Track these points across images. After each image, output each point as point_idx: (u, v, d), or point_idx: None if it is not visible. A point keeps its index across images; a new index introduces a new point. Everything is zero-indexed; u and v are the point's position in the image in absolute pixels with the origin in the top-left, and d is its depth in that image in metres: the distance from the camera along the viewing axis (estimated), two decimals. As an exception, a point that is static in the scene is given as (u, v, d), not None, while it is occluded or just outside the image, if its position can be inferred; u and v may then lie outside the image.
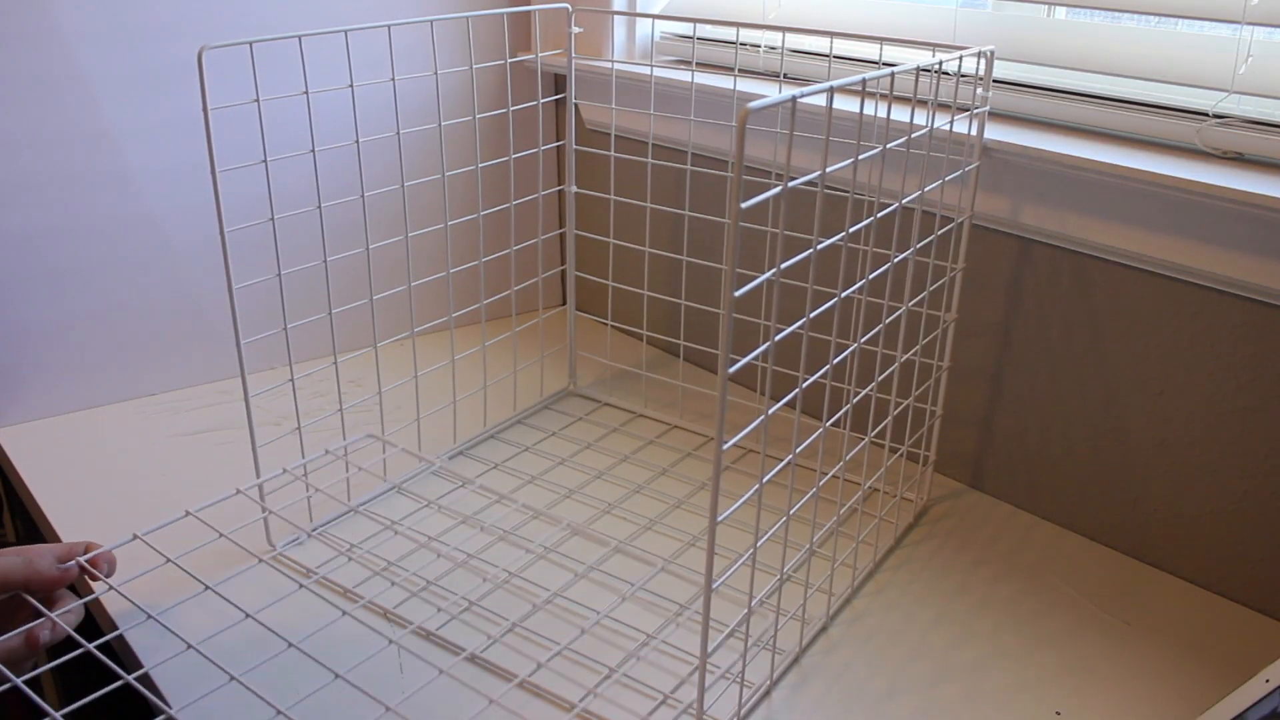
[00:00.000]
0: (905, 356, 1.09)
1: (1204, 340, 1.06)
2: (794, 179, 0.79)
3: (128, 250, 1.36)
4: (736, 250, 0.71)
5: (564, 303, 1.64)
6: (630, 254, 1.46)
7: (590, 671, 0.96)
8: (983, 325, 1.22)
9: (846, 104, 1.23)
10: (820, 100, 1.21)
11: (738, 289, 0.73)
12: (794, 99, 0.73)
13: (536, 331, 1.51)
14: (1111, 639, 1.04)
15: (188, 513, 1.05)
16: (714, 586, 0.81)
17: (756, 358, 0.81)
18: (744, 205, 0.71)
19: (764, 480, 0.84)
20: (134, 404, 1.41)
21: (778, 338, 0.80)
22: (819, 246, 0.82)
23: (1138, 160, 1.04)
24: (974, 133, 1.10)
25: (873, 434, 1.05)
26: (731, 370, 0.75)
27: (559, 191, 1.54)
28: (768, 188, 1.30)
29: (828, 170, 0.80)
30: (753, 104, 0.69)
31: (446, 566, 1.10)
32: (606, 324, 1.45)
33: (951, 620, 1.06)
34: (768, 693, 0.95)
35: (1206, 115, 1.07)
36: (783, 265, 0.78)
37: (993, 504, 1.26)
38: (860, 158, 0.85)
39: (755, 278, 0.78)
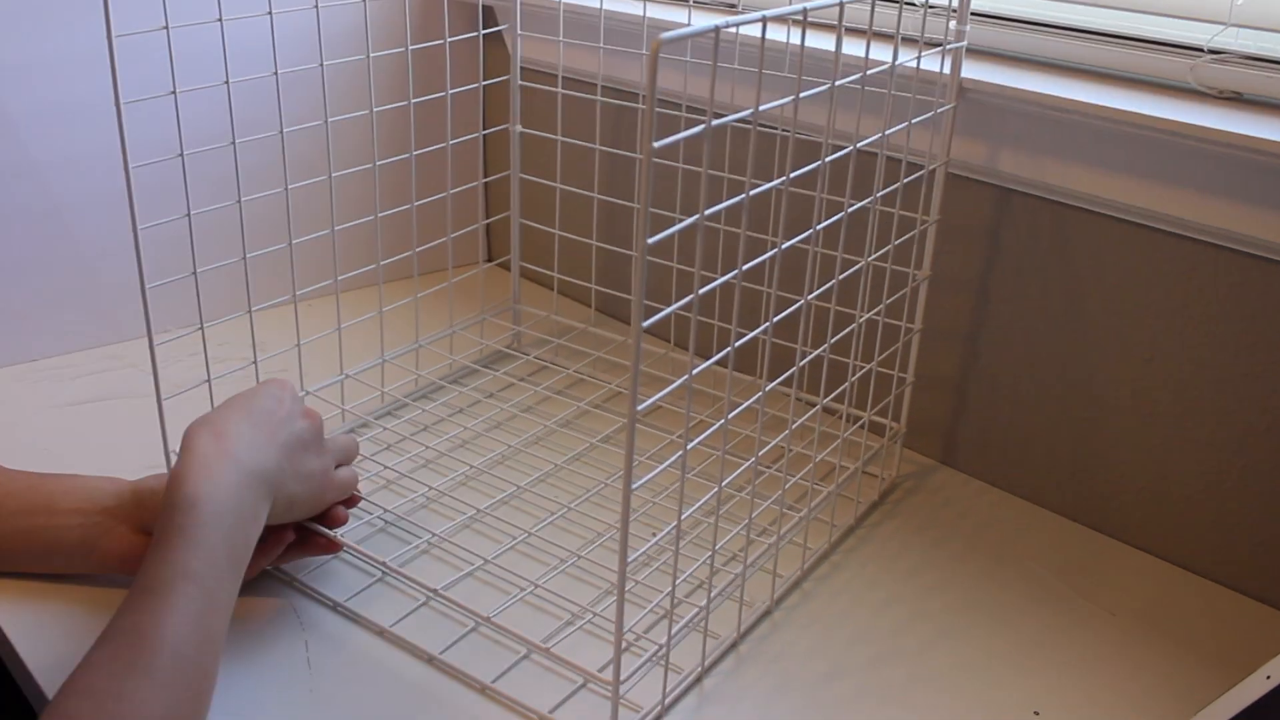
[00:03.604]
0: (867, 316, 1.11)
1: (1197, 300, 1.08)
2: (721, 116, 0.80)
3: (4, 198, 1.36)
4: (649, 193, 0.73)
5: (494, 257, 1.65)
6: (568, 202, 1.47)
7: (508, 650, 0.99)
8: (956, 284, 1.24)
9: (817, 40, 1.25)
10: (754, 30, 1.22)
11: (654, 235, 0.75)
12: (716, 29, 0.75)
13: (473, 285, 1.52)
14: (1086, 623, 1.07)
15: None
16: (630, 559, 0.83)
17: (676, 311, 0.82)
18: (657, 144, 0.72)
19: (689, 446, 0.86)
20: (12, 370, 1.41)
21: (703, 290, 0.82)
22: (752, 192, 0.84)
23: (1126, 101, 1.06)
24: (948, 71, 1.11)
25: (826, 399, 1.06)
26: (647, 323, 0.77)
27: (497, 133, 1.55)
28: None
29: (762, 108, 0.82)
30: (666, 34, 0.71)
31: (367, 531, 1.13)
32: (553, 275, 1.47)
33: (903, 601, 1.09)
34: (699, 679, 0.98)
35: (1201, 51, 1.09)
36: (708, 211, 0.80)
37: (965, 480, 1.28)
38: (803, 95, 0.87)
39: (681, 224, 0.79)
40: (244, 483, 0.90)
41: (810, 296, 0.97)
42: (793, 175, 0.88)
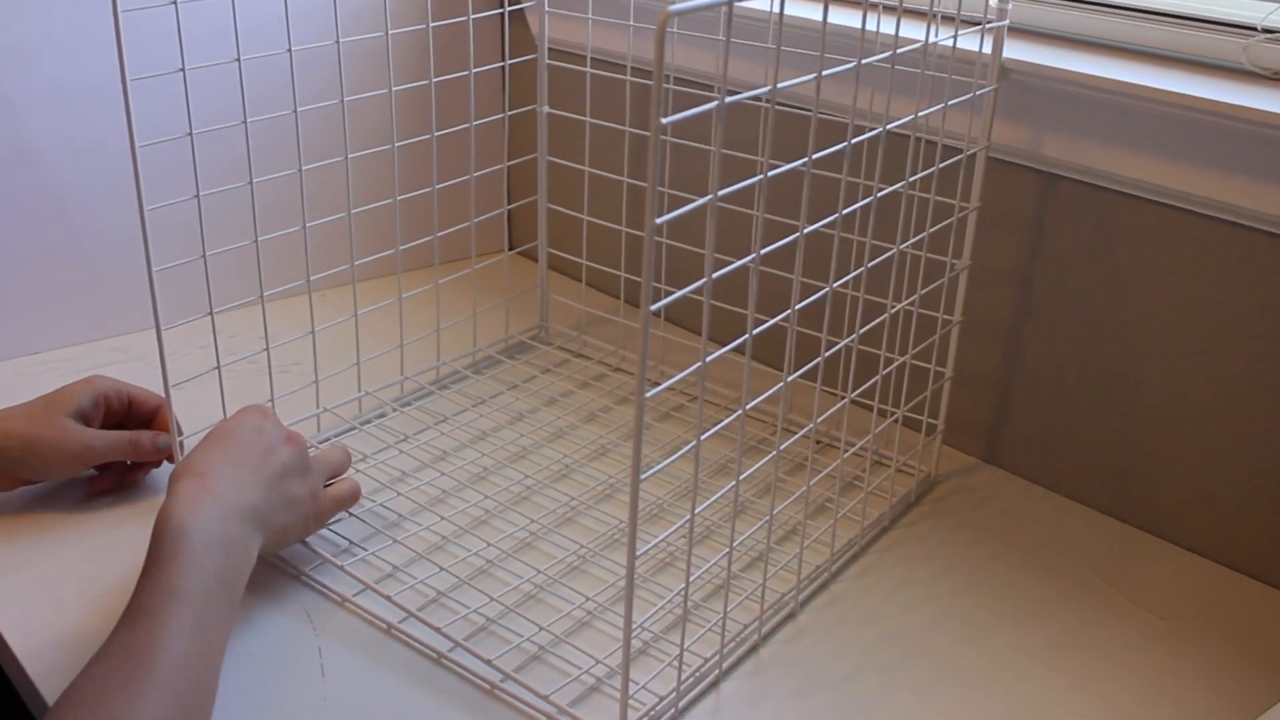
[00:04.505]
0: (900, 306, 1.11)
1: (1251, 290, 1.08)
2: (736, 93, 0.81)
3: (3, 185, 1.37)
4: (656, 171, 0.74)
5: (517, 244, 1.66)
6: (596, 187, 1.48)
7: (519, 651, 1.01)
8: (996, 274, 1.24)
9: (842, 17, 1.26)
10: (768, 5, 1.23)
11: (661, 215, 0.76)
12: (729, 2, 0.76)
13: (496, 273, 1.53)
14: (1128, 623, 1.08)
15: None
16: (639, 553, 0.85)
17: (693, 296, 0.83)
18: (665, 120, 0.73)
19: (703, 437, 0.87)
20: (12, 364, 1.42)
21: (719, 274, 0.83)
22: (771, 173, 0.85)
23: (1176, 82, 1.06)
24: (988, 50, 1.12)
25: (854, 393, 1.07)
26: (656, 306, 0.78)
27: (521, 115, 1.55)
28: (751, 106, 1.32)
29: (781, 85, 0.83)
30: (674, 7, 0.72)
31: (368, 531, 1.14)
32: (580, 262, 1.47)
33: (935, 600, 1.10)
34: (716, 682, 0.99)
35: (1255, 30, 1.08)
36: (721, 192, 0.81)
37: (1006, 478, 1.29)
38: (826, 73, 0.88)
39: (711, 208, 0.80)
40: (230, 518, 0.94)
41: (836, 284, 0.98)
42: (815, 157, 0.89)
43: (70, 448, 1.11)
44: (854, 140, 0.94)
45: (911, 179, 1.06)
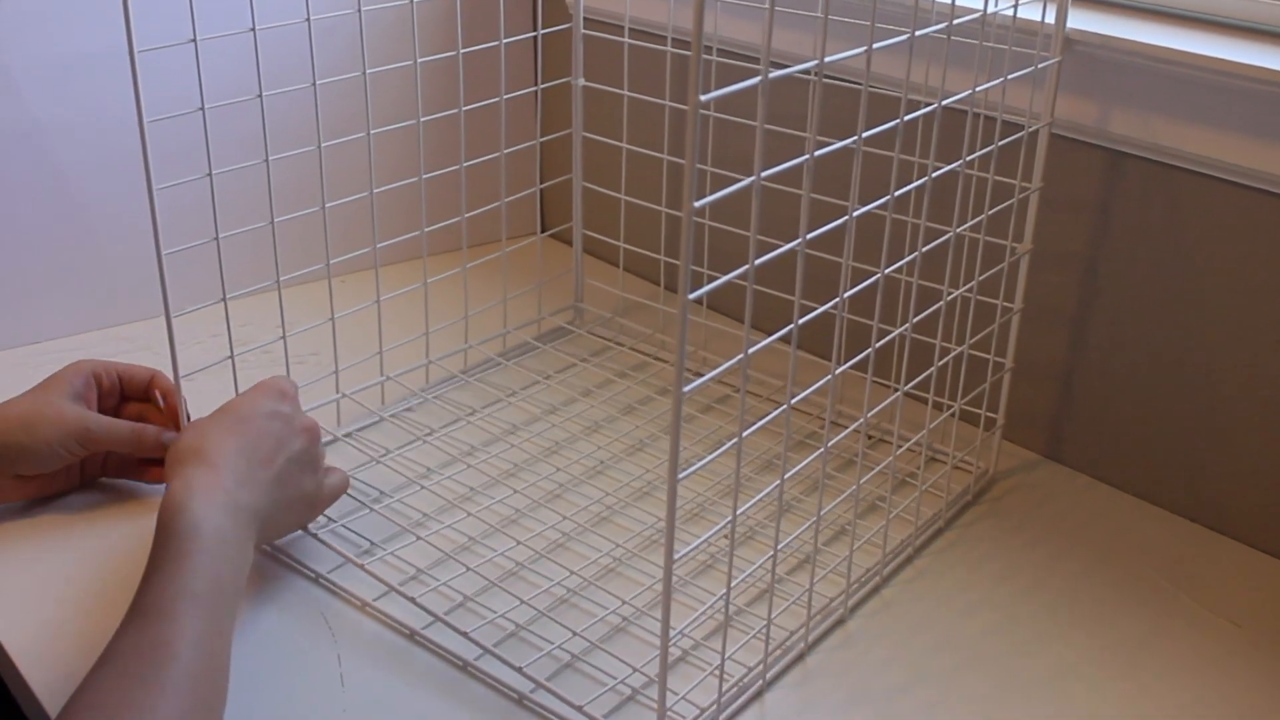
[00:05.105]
0: (958, 293, 1.10)
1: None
2: (783, 67, 0.80)
3: (2, 163, 1.37)
4: (696, 150, 0.73)
5: (549, 226, 1.65)
6: (634, 165, 1.47)
7: (551, 659, 1.00)
8: (1059, 258, 1.23)
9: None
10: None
11: (699, 198, 0.75)
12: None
13: (527, 257, 1.52)
14: (1201, 630, 1.07)
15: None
16: (677, 555, 0.84)
17: (736, 282, 0.83)
18: (704, 97, 0.73)
19: (745, 433, 0.86)
20: (13, 354, 1.42)
21: (759, 261, 0.82)
22: (819, 152, 0.84)
23: (1251, 54, 1.05)
24: (1050, 20, 1.10)
25: (908, 385, 1.06)
26: (694, 294, 0.77)
27: (554, 88, 1.54)
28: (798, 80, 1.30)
29: (829, 59, 0.82)
30: (715, -26, 0.71)
31: (391, 530, 1.14)
32: (618, 245, 1.47)
33: (993, 605, 1.09)
34: (759, 693, 0.98)
35: (1339, 0, 1.07)
36: (766, 172, 0.80)
37: (1070, 476, 1.28)
38: (878, 45, 0.86)
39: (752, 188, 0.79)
40: (240, 516, 0.94)
41: (888, 270, 0.97)
42: (866, 134, 0.88)
43: (69, 426, 1.10)
44: (907, 117, 0.93)
45: (969, 158, 1.05)
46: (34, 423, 1.10)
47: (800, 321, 0.88)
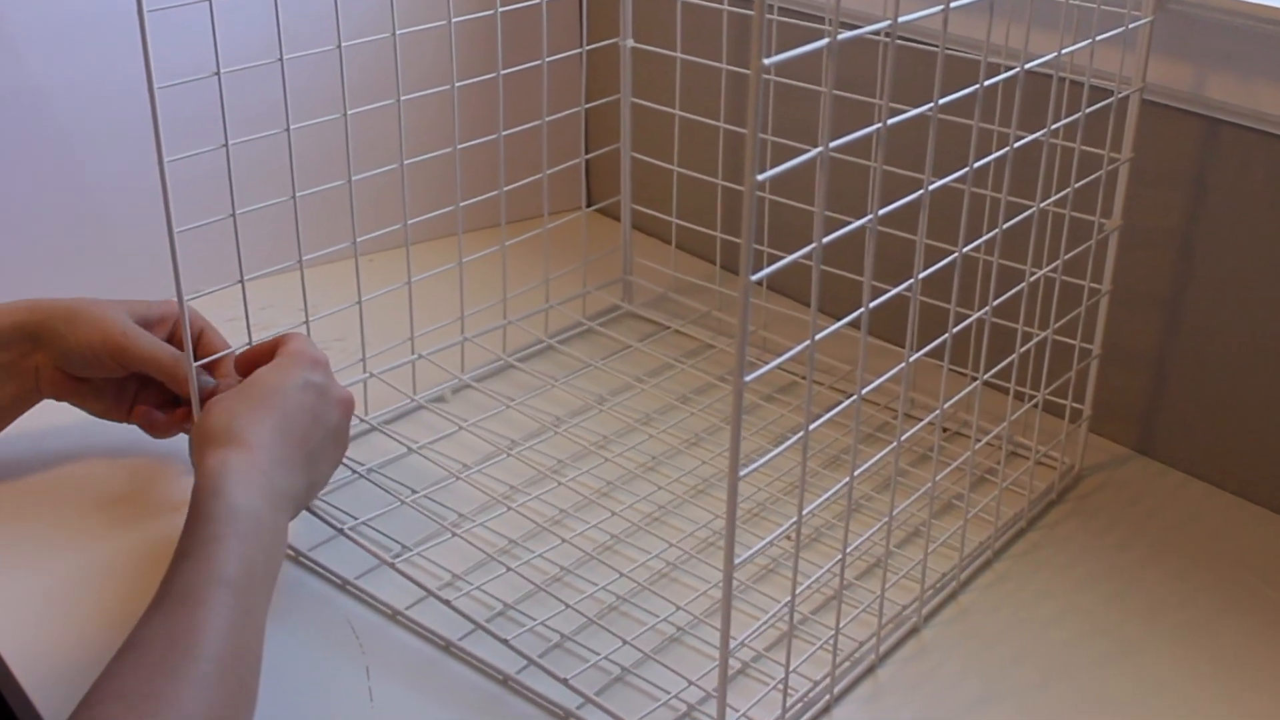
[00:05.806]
0: (1042, 273, 1.09)
1: None
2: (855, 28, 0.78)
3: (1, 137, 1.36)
4: (758, 119, 0.71)
5: (595, 200, 1.64)
6: (687, 134, 1.46)
7: (599, 671, 0.99)
8: (1152, 236, 1.21)
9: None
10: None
11: (762, 171, 0.73)
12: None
13: (571, 233, 1.51)
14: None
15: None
16: (738, 559, 0.82)
17: (800, 261, 0.81)
18: (769, 60, 0.71)
19: (811, 426, 0.84)
20: None
21: (827, 239, 0.80)
22: (890, 121, 0.82)
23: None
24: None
25: (988, 374, 1.05)
26: (756, 276, 0.75)
27: (600, 50, 1.52)
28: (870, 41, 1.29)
29: (902, 19, 0.80)
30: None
31: (424, 531, 1.13)
32: (670, 220, 1.45)
33: (1079, 614, 1.08)
34: (827, 708, 0.97)
35: None
36: (834, 143, 0.78)
37: (1162, 471, 1.26)
38: (954, 4, 0.85)
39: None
40: (277, 502, 0.95)
41: (966, 248, 0.96)
42: (942, 101, 0.86)
43: (109, 327, 1.10)
44: (987, 82, 0.92)
45: (1054, 126, 1.04)
46: (76, 317, 1.11)
47: (871, 305, 0.87)
